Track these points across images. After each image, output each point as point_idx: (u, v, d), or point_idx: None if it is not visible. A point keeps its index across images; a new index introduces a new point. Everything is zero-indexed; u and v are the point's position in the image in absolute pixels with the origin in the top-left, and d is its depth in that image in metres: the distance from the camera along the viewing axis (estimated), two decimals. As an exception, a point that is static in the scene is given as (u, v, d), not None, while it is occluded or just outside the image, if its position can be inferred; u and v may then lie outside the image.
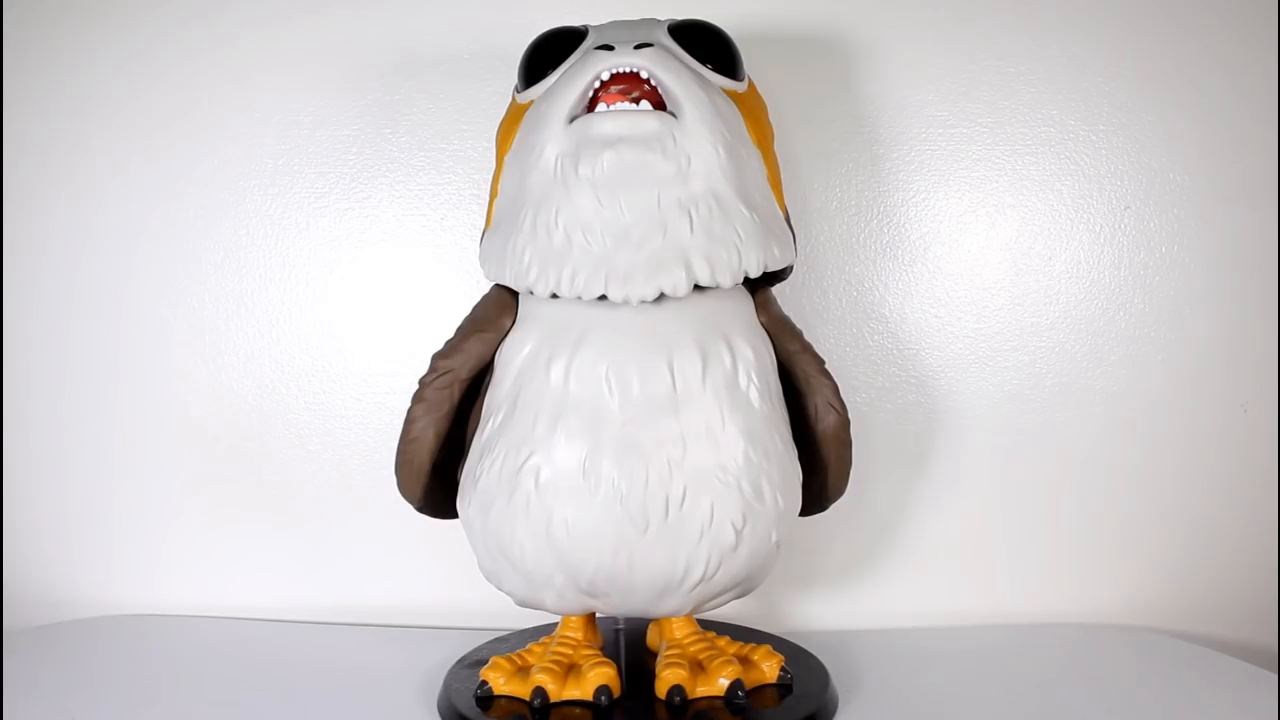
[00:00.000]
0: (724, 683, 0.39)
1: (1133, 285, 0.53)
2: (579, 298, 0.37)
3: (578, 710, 0.39)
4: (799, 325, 0.42)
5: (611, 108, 0.37)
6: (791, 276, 0.43)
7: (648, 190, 0.36)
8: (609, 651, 0.44)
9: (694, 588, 0.38)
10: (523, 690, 0.40)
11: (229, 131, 0.54)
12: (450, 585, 0.53)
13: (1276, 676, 0.46)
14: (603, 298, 0.37)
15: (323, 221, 0.54)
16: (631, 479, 0.36)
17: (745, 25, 0.51)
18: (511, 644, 0.45)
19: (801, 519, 0.41)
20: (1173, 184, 0.53)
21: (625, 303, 0.37)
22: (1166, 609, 0.55)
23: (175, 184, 0.54)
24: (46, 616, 0.56)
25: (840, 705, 0.42)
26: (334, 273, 0.54)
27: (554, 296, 0.37)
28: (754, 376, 0.38)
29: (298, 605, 0.55)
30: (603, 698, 0.39)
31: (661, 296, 0.37)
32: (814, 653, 0.46)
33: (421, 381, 0.40)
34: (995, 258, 0.53)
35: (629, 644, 0.46)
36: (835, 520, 0.46)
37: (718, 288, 0.38)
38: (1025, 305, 0.53)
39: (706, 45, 0.40)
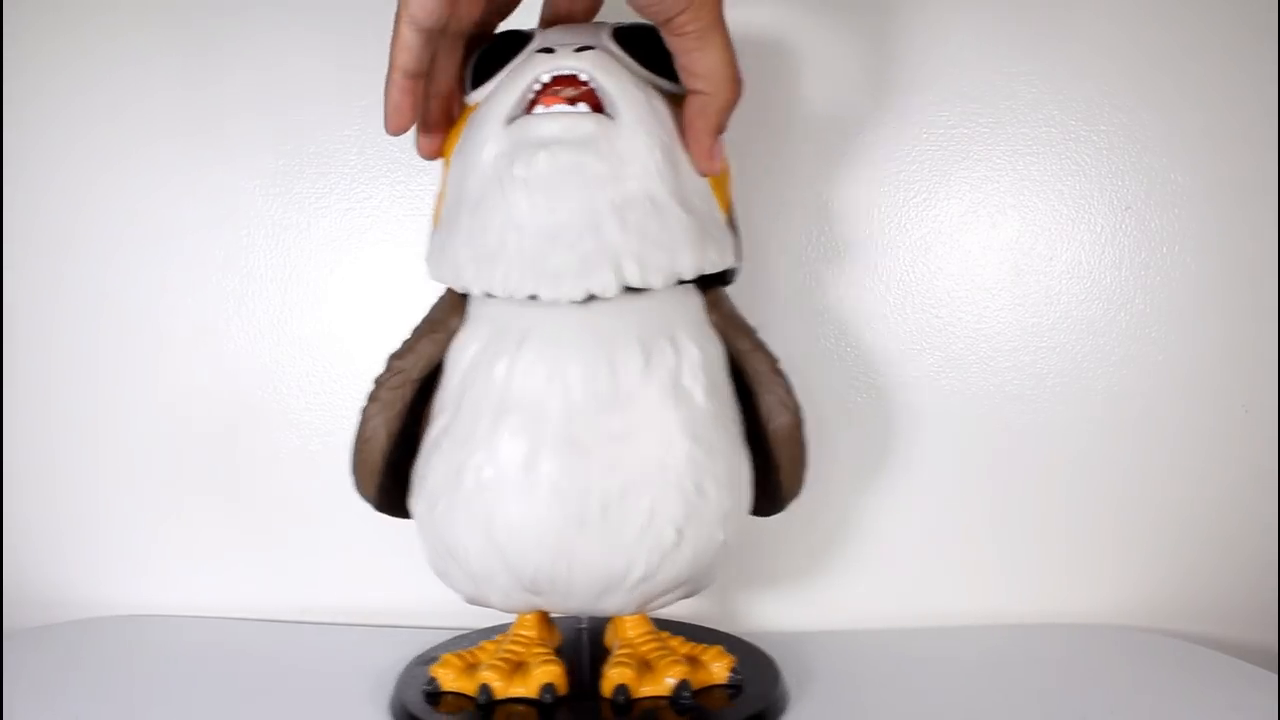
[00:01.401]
0: (671, 682, 0.40)
1: (1133, 285, 0.53)
2: (512, 297, 0.37)
3: (522, 707, 0.40)
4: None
5: (548, 109, 0.37)
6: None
7: (581, 192, 0.37)
8: (570, 650, 0.44)
9: (636, 586, 0.39)
10: (469, 687, 0.41)
11: (230, 130, 0.54)
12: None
13: (1276, 676, 0.46)
14: (535, 297, 0.37)
15: (324, 222, 0.54)
16: (571, 477, 0.37)
17: (745, 29, 0.51)
18: (472, 641, 0.45)
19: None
20: (1173, 184, 0.53)
21: (556, 303, 0.37)
22: (1165, 609, 0.55)
23: (176, 184, 0.54)
24: (46, 616, 0.56)
25: (790, 705, 0.42)
26: (335, 273, 0.54)
27: (490, 296, 0.38)
28: (699, 375, 0.39)
29: (298, 606, 0.55)
30: (547, 695, 0.40)
31: (593, 297, 0.37)
32: (770, 653, 0.46)
33: (376, 381, 0.41)
34: (996, 258, 0.53)
35: (593, 642, 0.46)
36: (831, 518, 0.46)
37: (657, 288, 0.38)
38: (1026, 306, 0.53)
39: (653, 48, 0.40)
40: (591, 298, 0.37)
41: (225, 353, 0.55)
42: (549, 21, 0.42)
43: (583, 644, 0.46)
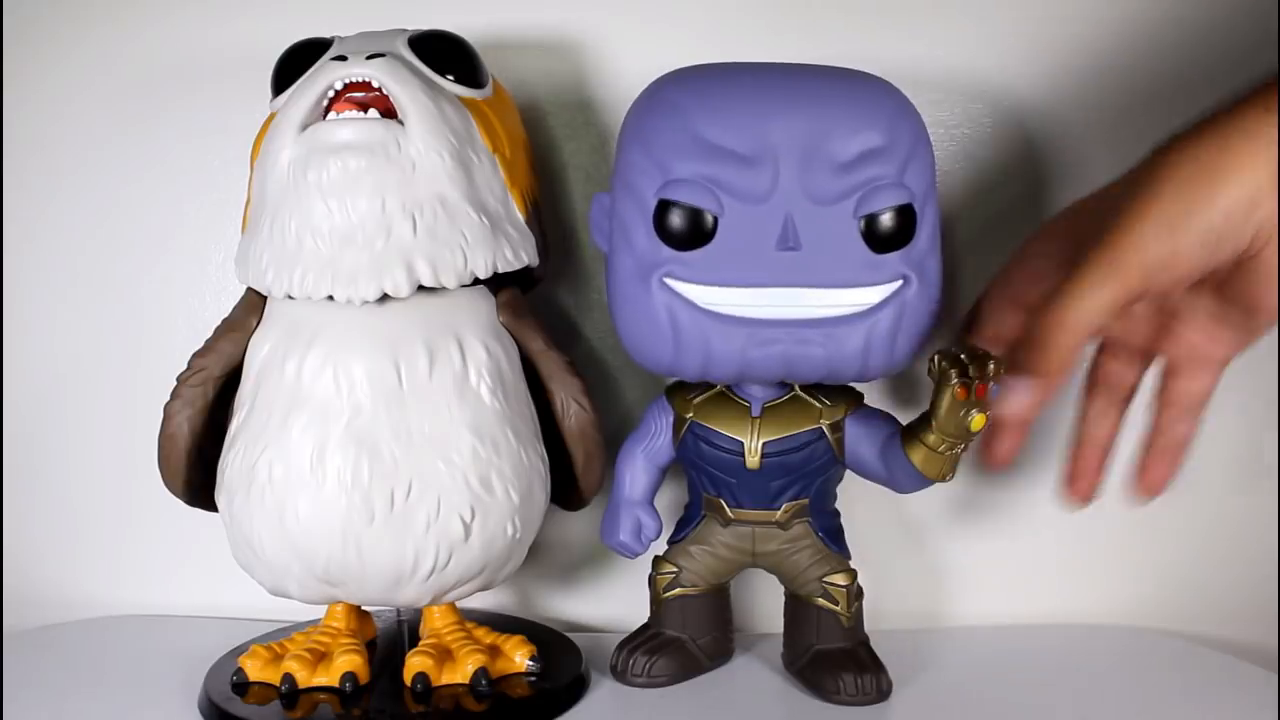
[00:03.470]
0: (470, 669, 0.42)
1: (1133, 285, 0.53)
2: (309, 298, 0.39)
3: (325, 696, 0.41)
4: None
5: (340, 115, 0.39)
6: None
7: (373, 195, 0.39)
8: (388, 641, 0.46)
9: (427, 578, 0.40)
10: (274, 677, 0.42)
11: (234, 129, 0.53)
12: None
13: (1276, 676, 0.46)
14: (332, 298, 0.39)
15: (323, 221, 0.54)
16: (356, 471, 0.38)
17: (741, 29, 0.51)
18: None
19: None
20: (1173, 184, 0.53)
21: (350, 303, 0.39)
22: (1165, 609, 0.55)
23: (179, 183, 0.54)
24: (46, 616, 0.56)
25: (588, 693, 0.44)
26: (334, 272, 0.54)
27: (290, 298, 0.40)
28: (485, 374, 0.41)
29: (298, 606, 0.55)
30: (348, 684, 0.41)
31: (387, 296, 0.39)
32: (579, 644, 0.47)
33: (179, 379, 0.43)
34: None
35: (411, 634, 0.47)
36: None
37: (448, 288, 0.40)
38: (1026, 305, 0.53)
39: (445, 54, 0.42)
40: (386, 298, 0.39)
41: (225, 352, 0.55)
42: None
43: (402, 635, 0.47)
